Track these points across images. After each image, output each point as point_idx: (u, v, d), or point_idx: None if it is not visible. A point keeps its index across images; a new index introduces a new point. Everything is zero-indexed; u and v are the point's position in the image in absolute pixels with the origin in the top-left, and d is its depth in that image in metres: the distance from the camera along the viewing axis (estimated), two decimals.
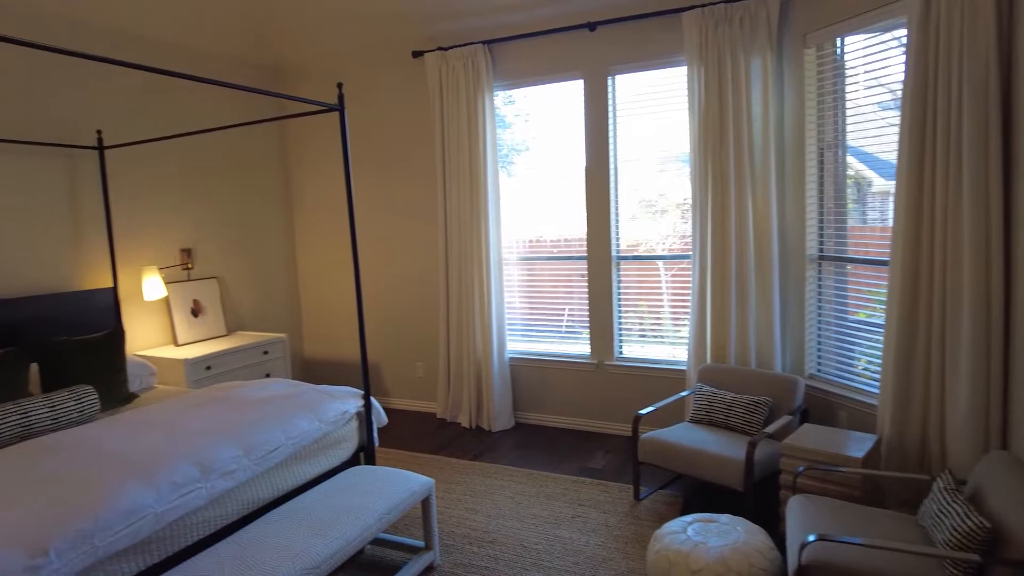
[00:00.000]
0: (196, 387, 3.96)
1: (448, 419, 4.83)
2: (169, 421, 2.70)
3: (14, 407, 2.80)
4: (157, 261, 4.33)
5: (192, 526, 2.26)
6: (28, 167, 3.65)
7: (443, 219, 4.66)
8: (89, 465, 2.27)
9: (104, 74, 4.00)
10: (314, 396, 3.00)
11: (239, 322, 4.96)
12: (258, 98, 5.08)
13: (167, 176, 4.41)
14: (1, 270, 3.52)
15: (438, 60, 4.54)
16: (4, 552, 1.74)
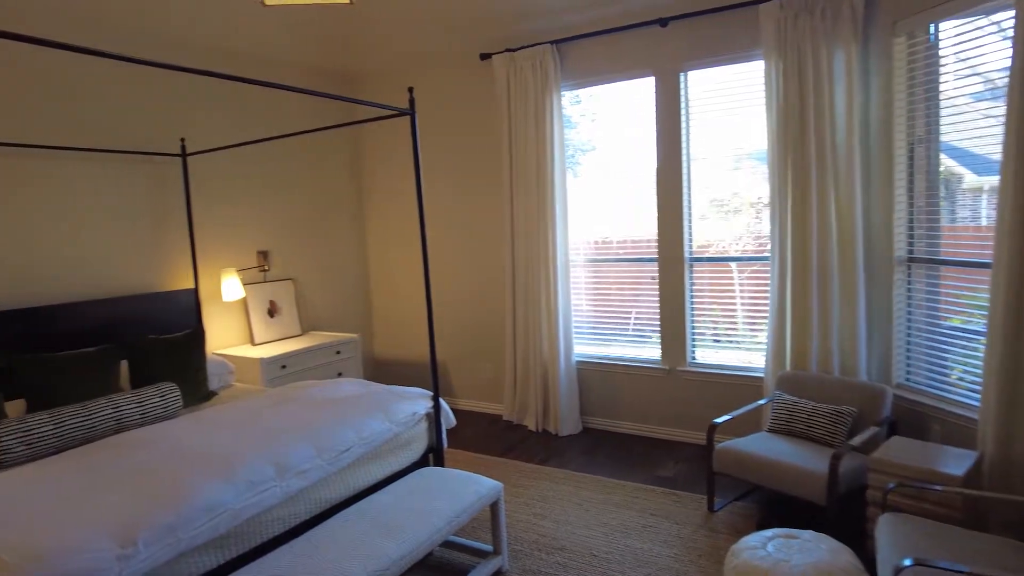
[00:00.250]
0: (272, 385, 4.07)
1: (515, 422, 4.81)
2: (247, 420, 2.78)
3: (107, 402, 2.94)
4: (236, 263, 4.49)
5: (267, 523, 2.32)
6: (120, 175, 3.85)
7: (510, 220, 4.65)
8: (173, 461, 2.35)
9: (187, 85, 4.18)
10: (385, 397, 3.03)
11: (313, 322, 5.09)
12: (331, 104, 5.21)
13: (245, 181, 4.57)
14: (96, 272, 3.72)
15: (506, 62, 4.53)
16: (99, 541, 1.82)
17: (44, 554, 1.74)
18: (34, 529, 1.88)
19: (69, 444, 2.78)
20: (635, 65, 4.23)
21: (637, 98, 4.35)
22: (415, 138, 3.05)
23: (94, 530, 1.87)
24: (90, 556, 1.77)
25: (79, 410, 2.85)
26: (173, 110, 4.11)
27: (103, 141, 3.75)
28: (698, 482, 3.63)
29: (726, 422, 3.37)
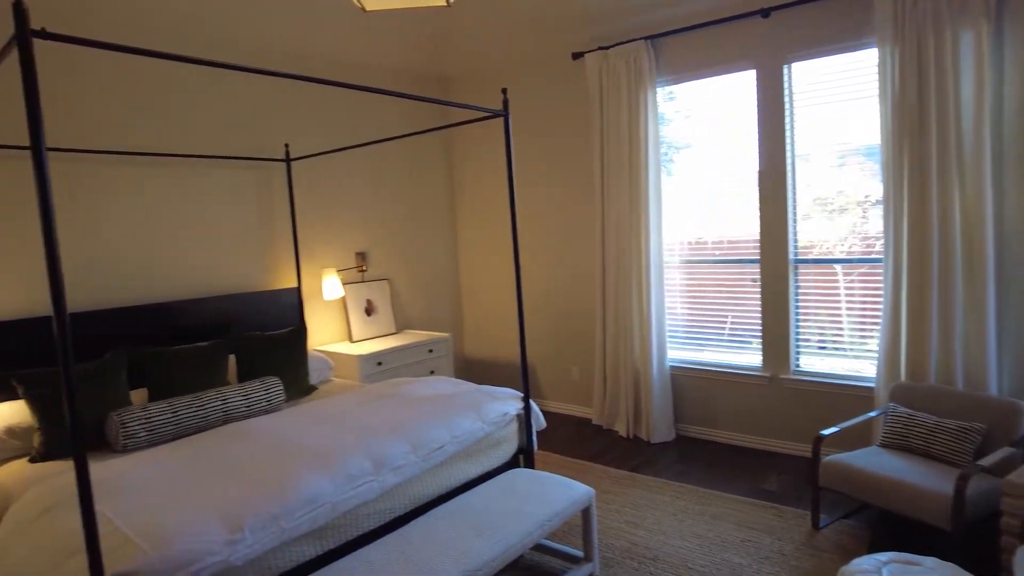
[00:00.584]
0: (368, 381, 4.19)
1: (604, 426, 4.72)
2: (345, 415, 2.86)
3: (216, 393, 3.12)
4: (335, 264, 4.66)
5: (363, 517, 2.37)
6: (231, 180, 4.08)
7: (601, 221, 4.57)
8: (276, 453, 2.45)
9: (292, 93, 4.37)
10: (477, 396, 3.04)
11: (407, 321, 5.21)
12: (425, 108, 5.31)
13: (345, 184, 4.74)
14: (208, 272, 3.96)
15: (599, 60, 4.47)
16: (210, 526, 1.92)
17: (166, 536, 1.85)
18: (156, 512, 2.00)
19: (184, 432, 2.96)
20: (734, 58, 4.06)
21: (736, 93, 4.17)
22: (508, 139, 3.04)
23: (206, 515, 1.97)
24: (203, 540, 1.87)
25: (192, 400, 3.03)
26: (279, 117, 4.32)
27: (216, 148, 3.99)
28: (801, 497, 3.43)
29: (833, 434, 3.16)
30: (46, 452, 2.82)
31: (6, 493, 2.62)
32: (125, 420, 2.81)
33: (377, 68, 4.95)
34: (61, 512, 2.09)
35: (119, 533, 1.88)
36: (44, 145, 1.60)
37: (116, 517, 1.96)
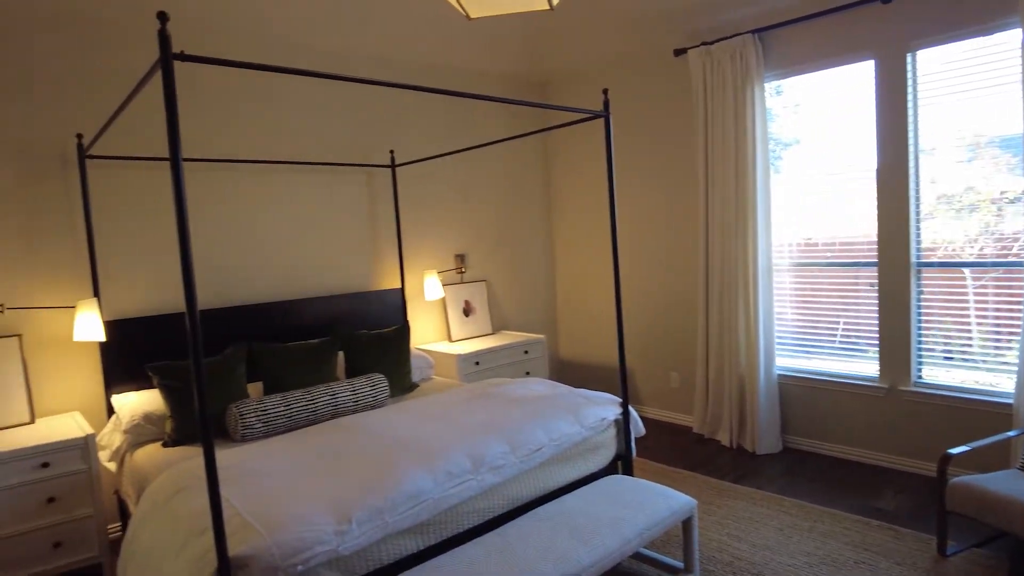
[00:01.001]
0: (466, 380, 4.27)
1: (705, 435, 4.57)
2: (446, 413, 2.93)
3: (326, 389, 3.27)
4: (436, 265, 4.79)
5: (463, 515, 2.41)
6: (340, 186, 4.28)
7: (704, 221, 4.43)
8: (381, 448, 2.54)
9: (396, 101, 4.53)
10: (574, 400, 3.03)
11: (503, 322, 5.27)
12: (523, 111, 5.36)
13: (445, 188, 4.86)
14: (320, 272, 4.18)
15: (702, 56, 4.33)
16: (321, 516, 2.01)
17: (281, 523, 1.96)
18: (272, 500, 2.13)
19: (296, 424, 3.13)
20: (851, 48, 3.82)
21: (851, 84, 3.92)
22: (609, 140, 3.01)
23: (318, 506, 2.07)
24: (315, 529, 1.97)
25: (304, 395, 3.20)
26: (385, 125, 4.49)
27: (327, 155, 4.19)
28: (923, 519, 3.18)
29: (963, 454, 2.90)
30: (176, 438, 3.06)
31: (143, 473, 2.88)
32: (243, 412, 3.01)
33: (475, 73, 5.04)
34: (190, 494, 2.26)
35: (240, 517, 2.01)
36: (180, 156, 1.74)
37: (237, 502, 2.10)
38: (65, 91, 3.32)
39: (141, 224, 3.55)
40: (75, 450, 2.91)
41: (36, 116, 3.25)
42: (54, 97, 3.29)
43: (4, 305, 3.19)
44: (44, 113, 3.27)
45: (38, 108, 3.25)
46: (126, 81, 3.46)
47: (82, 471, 2.93)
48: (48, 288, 3.31)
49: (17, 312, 3.22)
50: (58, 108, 3.30)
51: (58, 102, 3.30)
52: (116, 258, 3.48)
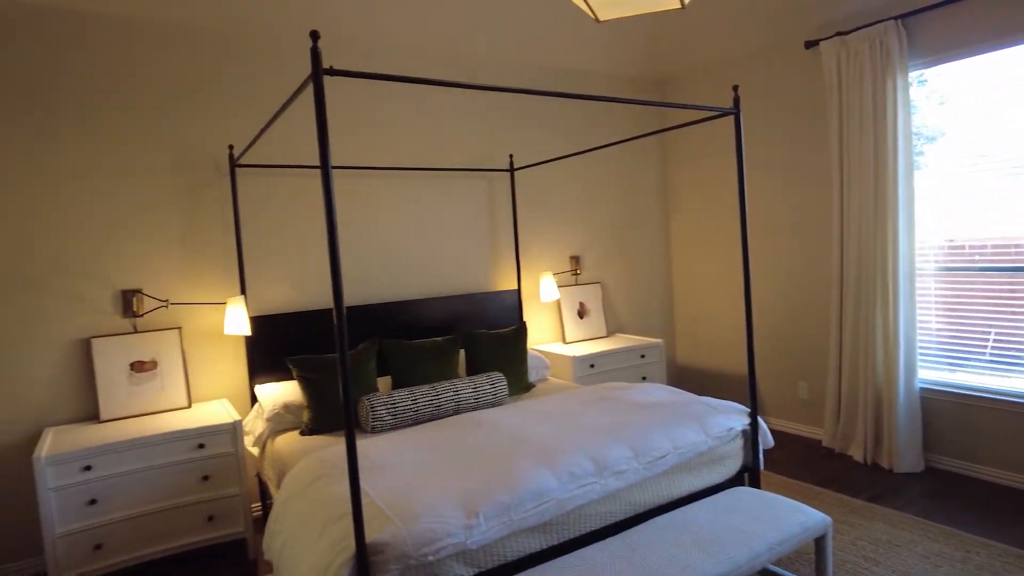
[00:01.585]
0: (581, 383, 4.27)
1: (836, 450, 4.29)
2: (566, 414, 2.94)
3: (450, 385, 3.38)
4: (551, 267, 4.82)
5: (585, 517, 2.41)
6: (461, 190, 4.41)
7: (839, 223, 4.17)
8: (505, 445, 2.59)
9: (515, 104, 4.61)
10: (699, 407, 2.95)
11: (618, 325, 5.22)
12: (641, 111, 5.28)
13: (562, 190, 4.88)
14: (443, 273, 4.33)
15: (836, 47, 4.08)
16: (451, 509, 2.08)
17: (413, 513, 2.05)
18: (403, 490, 2.22)
19: (421, 418, 3.25)
20: (1014, 30, 3.46)
21: (1009, 70, 3.54)
22: (739, 138, 2.90)
23: (447, 498, 2.14)
24: (445, 521, 2.04)
25: (429, 390, 3.32)
26: (504, 128, 4.57)
27: (449, 160, 4.33)
28: None
29: None
30: (313, 427, 3.27)
31: (283, 459, 3.10)
32: (374, 404, 3.16)
33: (590, 74, 5.02)
34: (328, 481, 2.41)
35: (375, 505, 2.12)
36: (329, 164, 1.86)
37: (372, 491, 2.22)
38: (218, 106, 3.64)
39: (282, 227, 3.83)
40: (225, 434, 3.18)
41: (194, 130, 3.58)
42: (209, 112, 3.62)
43: (169, 301, 3.54)
44: (200, 127, 3.60)
45: (195, 123, 3.59)
46: (270, 95, 3.74)
47: (231, 454, 3.20)
48: (203, 286, 3.64)
49: (178, 307, 3.57)
50: (212, 122, 3.62)
51: (212, 117, 3.63)
52: (260, 258, 3.77)
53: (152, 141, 3.49)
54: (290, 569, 2.20)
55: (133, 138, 3.45)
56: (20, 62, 3.19)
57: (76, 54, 3.31)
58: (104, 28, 3.37)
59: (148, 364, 3.43)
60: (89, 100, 3.34)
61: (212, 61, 3.62)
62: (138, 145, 3.46)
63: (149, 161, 3.49)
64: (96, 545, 2.91)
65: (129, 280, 3.46)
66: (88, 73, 3.34)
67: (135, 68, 3.44)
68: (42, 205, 3.26)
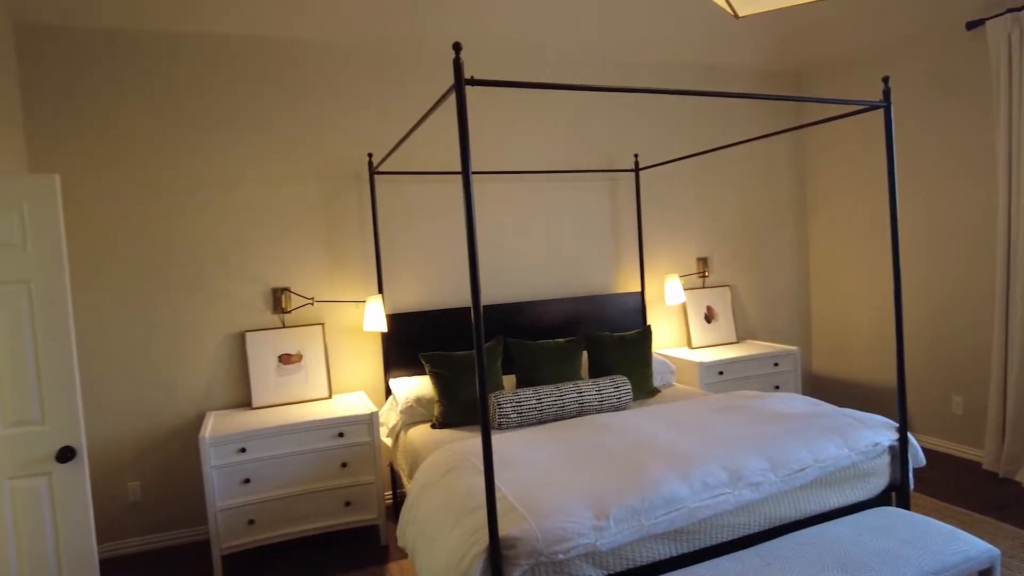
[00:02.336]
0: (708, 390, 4.14)
1: (1000, 474, 3.86)
2: (695, 421, 2.86)
3: (574, 386, 3.39)
4: (677, 269, 4.71)
5: (717, 528, 2.33)
6: (583, 191, 4.42)
7: (1006, 220, 3.75)
8: (633, 449, 2.56)
9: (639, 103, 4.54)
10: (841, 420, 2.77)
11: (748, 331, 5.00)
12: (773, 106, 5.03)
13: (689, 190, 4.76)
14: (565, 274, 4.36)
15: (1005, 25, 3.68)
16: (581, 509, 2.09)
17: (544, 511, 2.08)
18: (533, 488, 2.26)
19: (545, 418, 3.29)
20: None
21: None
22: (890, 132, 2.69)
23: (576, 498, 2.15)
24: (575, 521, 2.05)
25: (554, 390, 3.35)
26: (629, 129, 4.53)
27: (572, 162, 4.35)
28: None
29: None
30: (444, 421, 3.40)
31: (415, 451, 3.25)
32: (501, 402, 3.24)
33: (720, 70, 4.84)
34: (460, 474, 2.50)
35: (507, 500, 2.17)
36: (470, 171, 1.92)
37: (504, 486, 2.27)
38: (359, 118, 3.88)
39: (415, 230, 4.01)
40: (363, 424, 3.38)
41: (337, 141, 3.84)
42: (350, 124, 3.86)
43: (314, 298, 3.81)
44: (343, 138, 3.85)
45: (338, 134, 3.84)
46: (405, 104, 3.93)
47: (367, 443, 3.39)
48: (344, 285, 3.89)
49: (322, 305, 3.84)
50: (353, 133, 3.87)
51: (353, 128, 3.87)
52: (395, 260, 3.97)
53: (300, 153, 3.78)
54: (425, 557, 2.30)
55: (283, 151, 3.75)
56: (197, 86, 3.57)
57: (241, 76, 3.65)
58: (264, 51, 3.69)
59: (294, 357, 3.71)
60: (246, 118, 3.68)
61: (354, 76, 3.86)
62: (288, 157, 3.76)
63: (297, 171, 3.78)
64: (249, 520, 3.19)
65: (279, 279, 3.77)
66: (250, 93, 3.67)
67: (290, 86, 3.74)
68: (208, 213, 3.62)
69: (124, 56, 3.45)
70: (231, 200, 3.66)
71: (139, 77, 3.48)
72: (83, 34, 3.38)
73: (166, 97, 3.53)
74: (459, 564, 2.01)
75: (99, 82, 3.42)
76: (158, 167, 3.53)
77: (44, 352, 2.53)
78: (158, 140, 3.53)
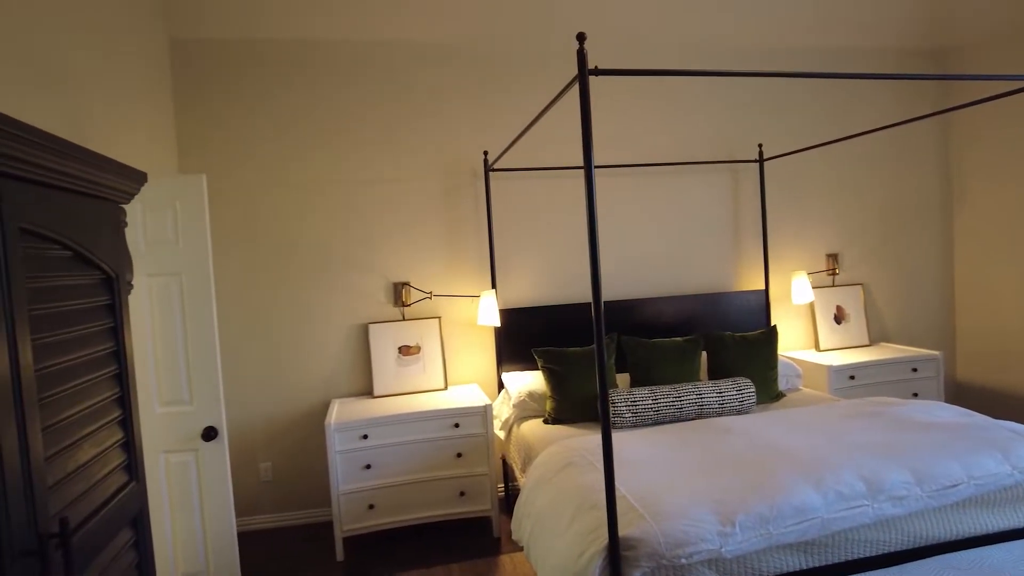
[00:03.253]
0: (838, 395, 3.86)
1: None
2: (827, 426, 2.68)
3: (693, 388, 3.28)
4: (805, 266, 4.43)
5: (853, 542, 2.17)
6: (701, 184, 4.26)
7: None
8: (759, 454, 2.43)
9: (762, 91, 4.31)
10: (1000, 433, 2.49)
11: (883, 333, 4.63)
12: (911, 89, 4.60)
13: (818, 181, 4.46)
14: (681, 271, 4.22)
15: None
16: (704, 514, 2.01)
17: (665, 513, 2.01)
18: (653, 489, 2.20)
19: (661, 419, 3.20)
20: None
21: None
22: None
23: (700, 503, 2.07)
24: (698, 525, 1.97)
25: (671, 391, 3.25)
26: (751, 118, 4.30)
27: (691, 154, 4.19)
28: None
29: None
30: (556, 417, 3.39)
31: (528, 445, 3.26)
32: (615, 400, 3.18)
33: (849, 51, 4.46)
34: (576, 470, 2.48)
35: (625, 500, 2.12)
36: (593, 165, 1.89)
37: (621, 485, 2.21)
38: (476, 116, 3.94)
39: (529, 226, 4.03)
40: (477, 416, 3.43)
41: (455, 140, 3.93)
42: (468, 122, 3.93)
43: (432, 292, 3.92)
44: (460, 137, 3.93)
45: (456, 133, 3.93)
46: (521, 102, 3.93)
47: (481, 435, 3.44)
48: (460, 280, 3.97)
49: (439, 299, 3.93)
50: (470, 131, 3.93)
51: (470, 126, 3.93)
52: (509, 255, 4.00)
53: (420, 152, 3.90)
54: (541, 552, 2.30)
55: (404, 150, 3.88)
56: (324, 90, 3.76)
57: (365, 80, 3.82)
58: (386, 55, 3.83)
59: (413, 348, 3.83)
60: (369, 119, 3.83)
61: (472, 75, 3.93)
62: (408, 156, 3.89)
63: (417, 170, 3.90)
64: (369, 505, 3.33)
65: (399, 274, 3.90)
66: (373, 96, 3.83)
67: (410, 88, 3.87)
68: (335, 210, 3.81)
69: (259, 64, 3.70)
70: (356, 197, 3.83)
71: (273, 83, 3.71)
72: (224, 45, 3.65)
73: (297, 101, 3.74)
74: (577, 561, 1.98)
75: (238, 88, 3.68)
76: (290, 166, 3.75)
77: (192, 339, 2.75)
78: (290, 141, 3.75)
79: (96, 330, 1.43)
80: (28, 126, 1.13)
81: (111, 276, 1.53)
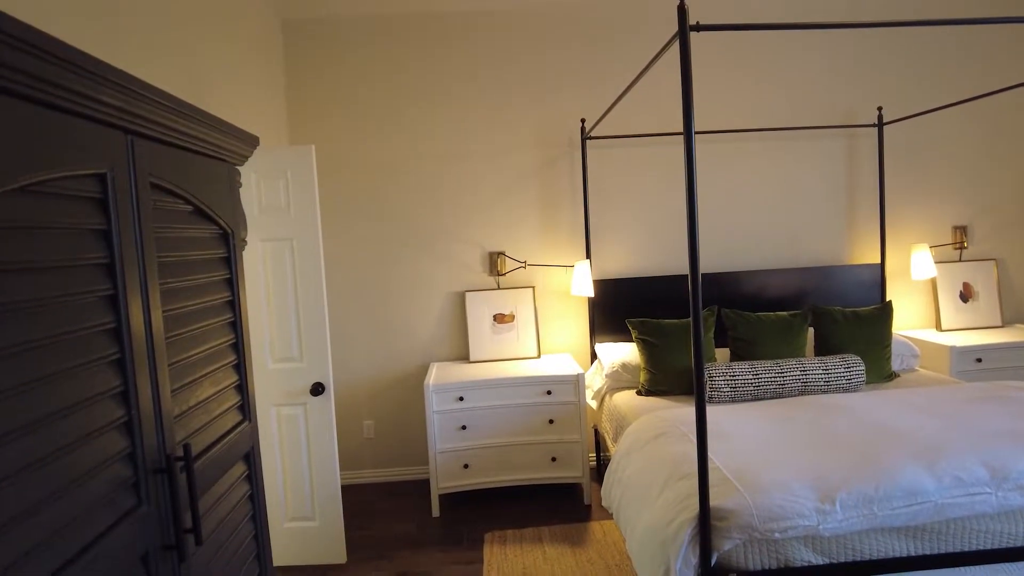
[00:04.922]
0: (961, 378, 3.57)
1: None
2: (946, 409, 2.49)
3: (796, 363, 3.13)
4: (927, 239, 4.09)
5: (971, 531, 2.01)
6: (812, 151, 4.00)
7: None
8: (866, 433, 2.31)
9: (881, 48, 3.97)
10: None
11: (1017, 314, 4.21)
12: None
13: (942, 147, 4.08)
14: (788, 243, 4.02)
15: None
16: (802, 489, 1.94)
17: (760, 487, 1.96)
18: (749, 462, 2.14)
19: (761, 395, 3.08)
20: None
21: None
22: None
23: (798, 478, 1.99)
24: (795, 500, 1.90)
25: (773, 366, 3.12)
26: (869, 79, 3.99)
27: (801, 119, 3.94)
28: None
29: None
30: (650, 389, 3.35)
31: (620, 414, 3.24)
32: (713, 374, 3.10)
33: None
34: (668, 440, 2.44)
35: (719, 471, 2.08)
36: (693, 128, 1.82)
37: (715, 457, 2.17)
38: (573, 85, 3.89)
39: (624, 195, 3.96)
40: (569, 384, 3.45)
41: (552, 109, 3.90)
42: (564, 91, 3.89)
43: (526, 262, 3.95)
44: (558, 106, 3.89)
45: (552, 102, 3.90)
46: (619, 69, 3.84)
47: (573, 403, 3.46)
48: (554, 249, 3.97)
49: (533, 268, 3.96)
50: (567, 100, 3.89)
51: (568, 95, 3.89)
52: (604, 225, 3.96)
53: (516, 123, 3.91)
54: (631, 519, 2.30)
55: (500, 121, 3.91)
56: (422, 63, 3.84)
57: (461, 52, 3.86)
58: (480, 25, 3.84)
59: (507, 316, 3.89)
60: (466, 91, 3.87)
61: (572, 42, 3.87)
62: (505, 127, 3.91)
63: (514, 141, 3.91)
64: (464, 465, 3.44)
65: (495, 243, 3.95)
66: (470, 67, 3.86)
67: (506, 59, 3.87)
68: (435, 180, 3.90)
69: (364, 39, 3.81)
70: (455, 168, 3.90)
71: (377, 57, 3.83)
72: (331, 23, 3.79)
73: (401, 75, 3.84)
74: (666, 528, 1.97)
75: (343, 63, 3.82)
76: (392, 138, 3.87)
77: (303, 299, 2.93)
78: (393, 113, 3.86)
79: (214, 280, 1.55)
80: (160, 91, 1.24)
81: (227, 231, 1.65)
